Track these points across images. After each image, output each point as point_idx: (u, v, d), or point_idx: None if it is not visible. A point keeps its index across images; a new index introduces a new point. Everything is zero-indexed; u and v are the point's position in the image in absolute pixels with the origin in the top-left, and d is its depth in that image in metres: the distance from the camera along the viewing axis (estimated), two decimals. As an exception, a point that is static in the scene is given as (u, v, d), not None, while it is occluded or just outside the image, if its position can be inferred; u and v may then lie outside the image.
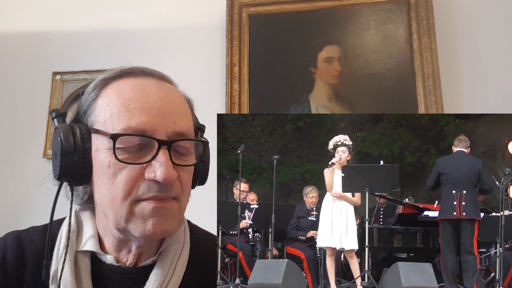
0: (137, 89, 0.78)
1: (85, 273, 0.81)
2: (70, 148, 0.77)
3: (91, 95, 0.80)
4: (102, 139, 0.76)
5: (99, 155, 0.77)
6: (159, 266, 0.83)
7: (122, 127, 0.74)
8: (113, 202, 0.75)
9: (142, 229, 0.75)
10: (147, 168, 0.74)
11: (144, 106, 0.76)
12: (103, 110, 0.78)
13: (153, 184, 0.74)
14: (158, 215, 0.75)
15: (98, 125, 0.77)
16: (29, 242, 0.86)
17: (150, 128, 0.75)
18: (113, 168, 0.74)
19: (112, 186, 0.75)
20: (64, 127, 0.79)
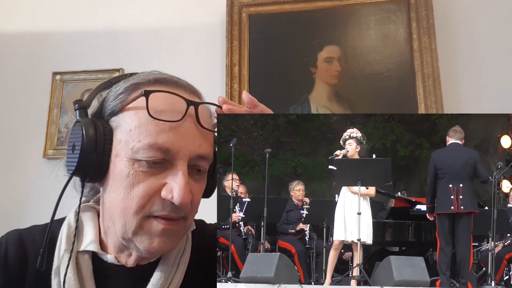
0: (168, 105, 0.76)
1: (87, 272, 0.81)
2: (91, 146, 0.75)
3: (120, 97, 0.79)
4: (124, 147, 0.75)
5: (119, 161, 0.75)
6: (162, 264, 0.83)
7: (149, 142, 0.73)
8: (125, 213, 0.75)
9: (148, 245, 0.75)
10: (165, 186, 0.74)
11: (172, 124, 0.75)
12: (131, 117, 0.76)
13: (168, 203, 0.74)
14: (166, 235, 0.76)
15: (123, 131, 0.76)
16: (30, 241, 0.85)
17: (175, 148, 0.74)
18: (132, 179, 0.74)
19: (127, 196, 0.74)
20: (87, 122, 0.77)
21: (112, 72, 2.33)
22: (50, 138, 2.32)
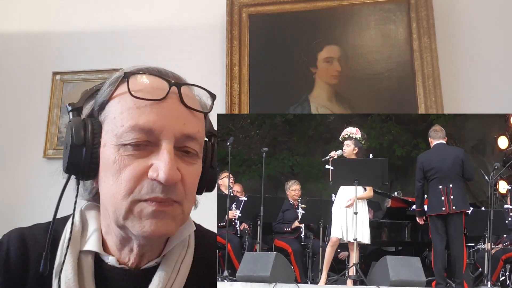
0: (149, 88, 0.77)
1: (88, 273, 0.80)
2: (80, 141, 0.77)
3: (106, 91, 0.81)
4: (110, 135, 0.76)
5: (106, 150, 0.76)
6: (163, 268, 0.82)
7: (130, 124, 0.74)
8: (114, 199, 0.75)
9: (140, 228, 0.74)
10: (151, 167, 0.74)
11: (154, 105, 0.75)
12: (114, 106, 0.78)
13: (156, 184, 0.73)
14: (157, 217, 0.74)
15: (109, 120, 0.78)
16: (32, 241, 0.84)
17: (158, 127, 0.74)
18: (118, 164, 0.74)
19: (116, 182, 0.74)
20: (76, 121, 0.79)
21: (112, 72, 2.28)
22: (50, 138, 2.32)
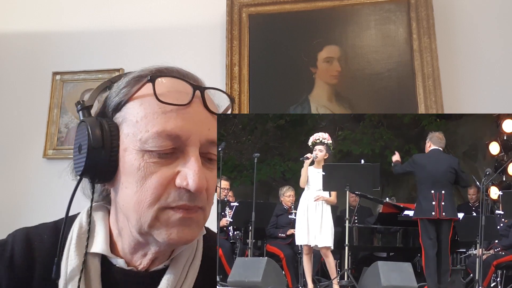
0: (174, 92, 0.74)
1: (95, 275, 0.78)
2: (98, 144, 0.73)
3: (122, 91, 0.77)
4: (132, 139, 0.73)
5: (128, 155, 0.73)
6: (171, 271, 0.80)
7: (157, 129, 0.71)
8: (139, 206, 0.72)
9: (166, 236, 0.73)
10: (179, 174, 0.72)
11: (180, 110, 0.73)
12: (136, 108, 0.74)
13: (184, 192, 0.72)
14: (184, 224, 0.73)
15: (130, 123, 0.74)
16: (38, 241, 0.82)
17: (185, 133, 0.72)
18: (144, 171, 0.71)
19: (141, 189, 0.72)
20: (92, 121, 0.75)
21: (112, 72, 2.33)
22: (50, 138, 2.32)
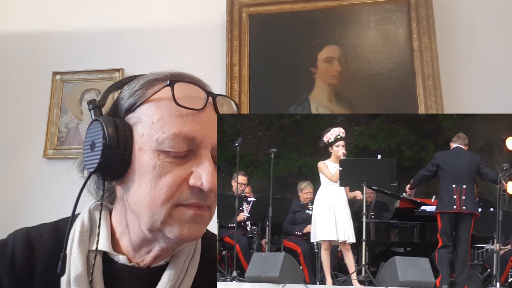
0: (190, 97, 0.78)
1: (97, 272, 0.80)
2: (113, 143, 0.75)
3: (137, 93, 0.80)
4: (148, 139, 0.76)
5: (143, 154, 0.76)
6: (172, 267, 0.83)
7: (174, 131, 0.75)
8: (152, 204, 0.75)
9: (178, 232, 0.76)
10: (192, 174, 0.75)
11: (195, 115, 0.77)
12: (152, 110, 0.77)
13: (196, 191, 0.75)
14: (195, 221, 0.77)
15: (145, 124, 0.77)
16: (38, 241, 0.83)
17: (200, 136, 0.76)
18: (159, 169, 0.75)
19: (155, 187, 0.74)
20: (107, 120, 0.77)
21: (112, 72, 2.33)
22: (50, 138, 2.32)
